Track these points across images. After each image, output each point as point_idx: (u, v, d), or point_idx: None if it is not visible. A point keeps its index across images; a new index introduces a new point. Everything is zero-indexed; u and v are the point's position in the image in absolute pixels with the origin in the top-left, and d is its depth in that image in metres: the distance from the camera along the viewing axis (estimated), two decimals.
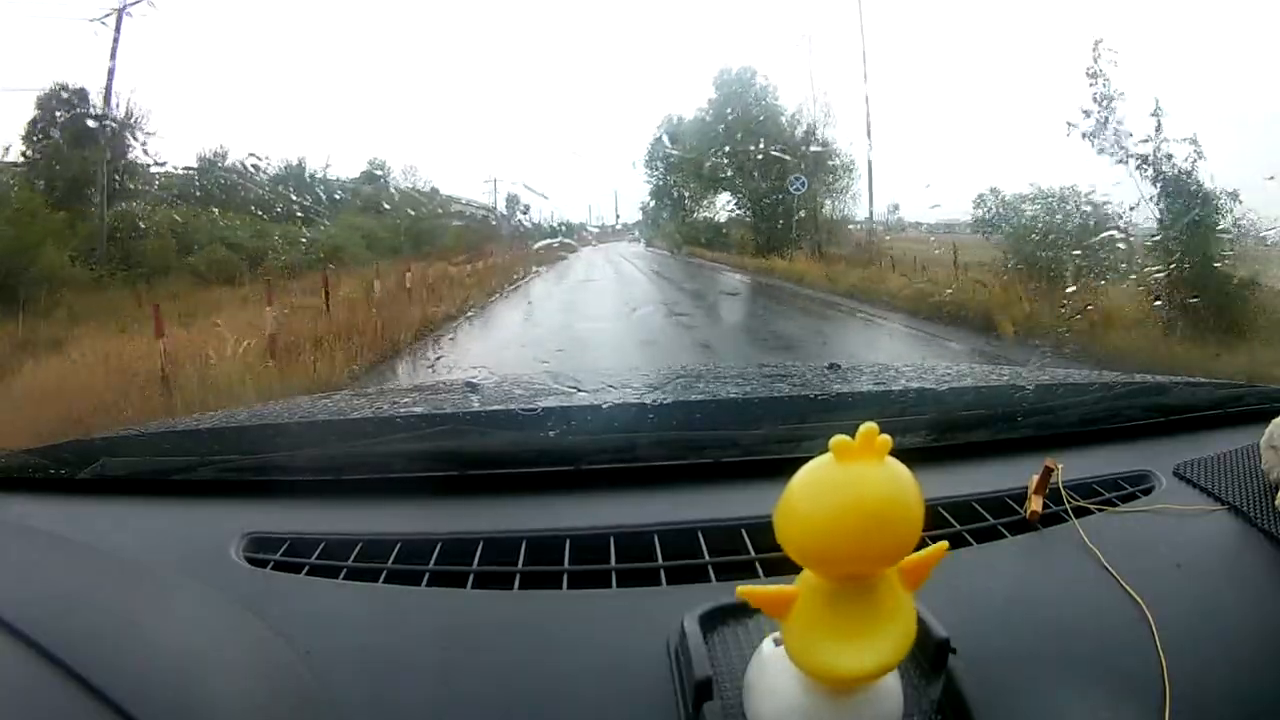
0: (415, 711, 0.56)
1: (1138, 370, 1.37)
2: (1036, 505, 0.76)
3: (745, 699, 0.51)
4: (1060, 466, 0.78)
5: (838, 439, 0.43)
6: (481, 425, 0.97)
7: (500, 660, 0.59)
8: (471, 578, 0.69)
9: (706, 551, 0.71)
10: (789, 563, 0.46)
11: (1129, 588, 0.65)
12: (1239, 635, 0.64)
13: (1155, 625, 0.61)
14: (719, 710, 0.50)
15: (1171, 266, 6.78)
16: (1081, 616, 0.64)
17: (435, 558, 0.71)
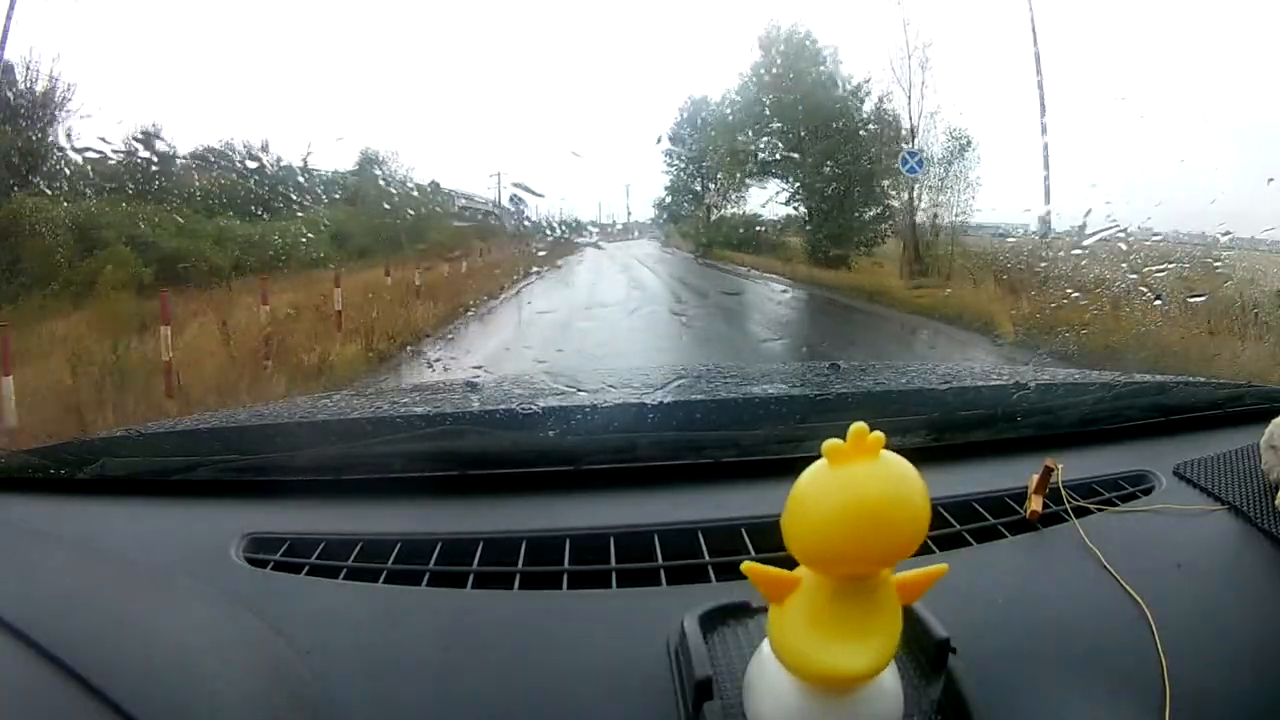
0: (415, 711, 0.56)
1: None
2: (1036, 505, 0.77)
3: (745, 699, 0.51)
4: (1060, 466, 0.78)
5: (830, 443, 0.43)
6: (481, 425, 0.97)
7: (500, 660, 0.59)
8: (471, 578, 0.69)
9: (706, 551, 0.71)
10: (790, 563, 0.46)
11: (1129, 588, 0.65)
12: (1239, 635, 0.64)
13: (1155, 625, 0.61)
14: (719, 710, 0.50)
15: None
16: (1081, 616, 0.64)
17: (435, 558, 0.71)
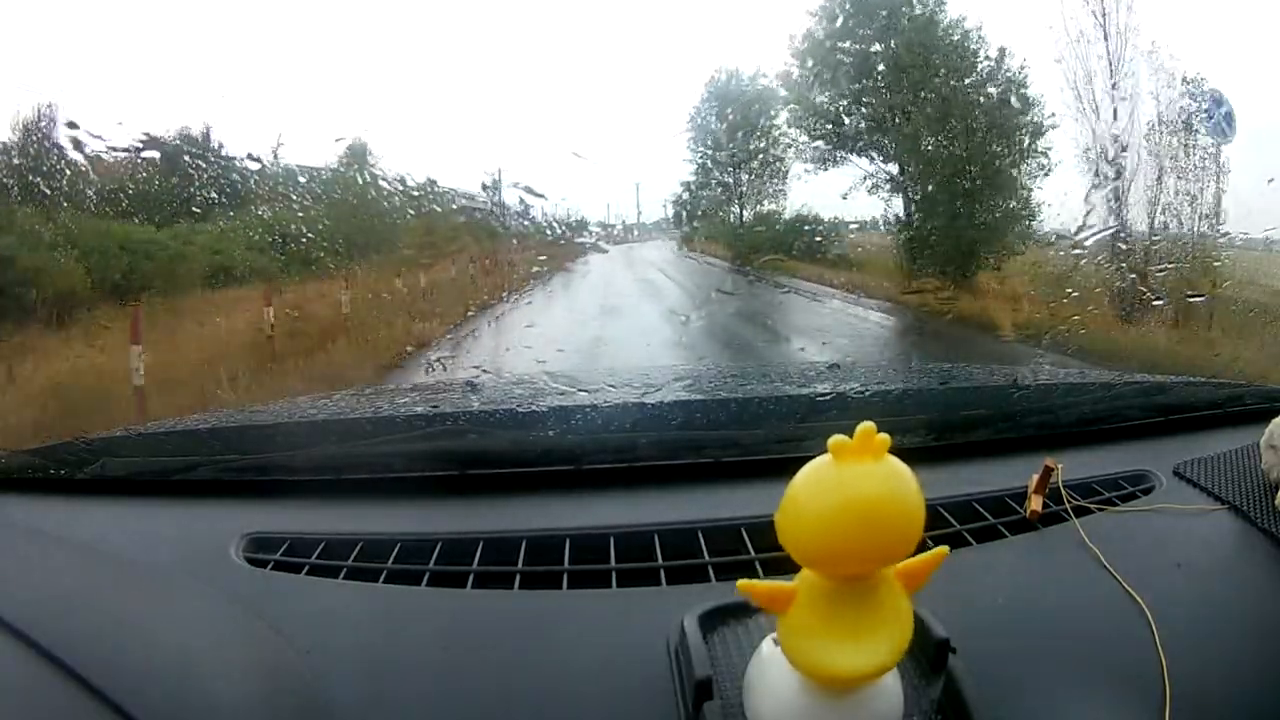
0: (415, 711, 0.56)
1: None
2: (1036, 505, 0.77)
3: (745, 699, 0.51)
4: (1060, 466, 0.78)
5: (836, 439, 0.43)
6: (481, 425, 0.97)
7: (500, 660, 0.59)
8: (471, 578, 0.69)
9: (706, 551, 0.71)
10: (789, 562, 0.46)
11: (1129, 588, 0.65)
12: (1239, 635, 0.64)
13: (1155, 625, 0.61)
14: (719, 710, 0.50)
15: None
16: (1081, 616, 0.64)
17: (435, 558, 0.71)
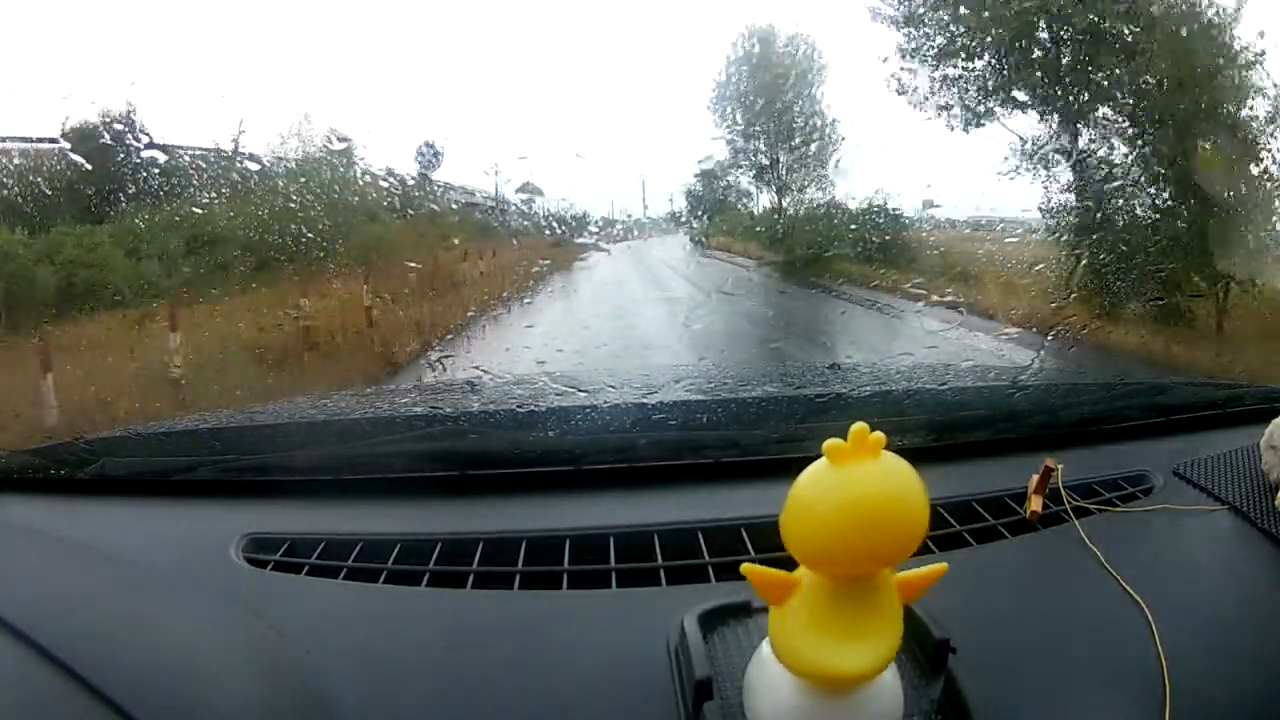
0: (415, 711, 0.56)
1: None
2: (1036, 505, 0.77)
3: (745, 699, 0.51)
4: (1060, 466, 0.78)
5: (830, 442, 0.43)
6: (481, 425, 0.97)
7: (500, 660, 0.59)
8: (471, 578, 0.69)
9: (706, 551, 0.71)
10: (790, 563, 0.46)
11: (1129, 588, 0.65)
12: (1239, 635, 0.64)
13: (1155, 625, 0.61)
14: (719, 710, 0.50)
15: None
16: (1081, 616, 0.64)
17: (435, 558, 0.71)
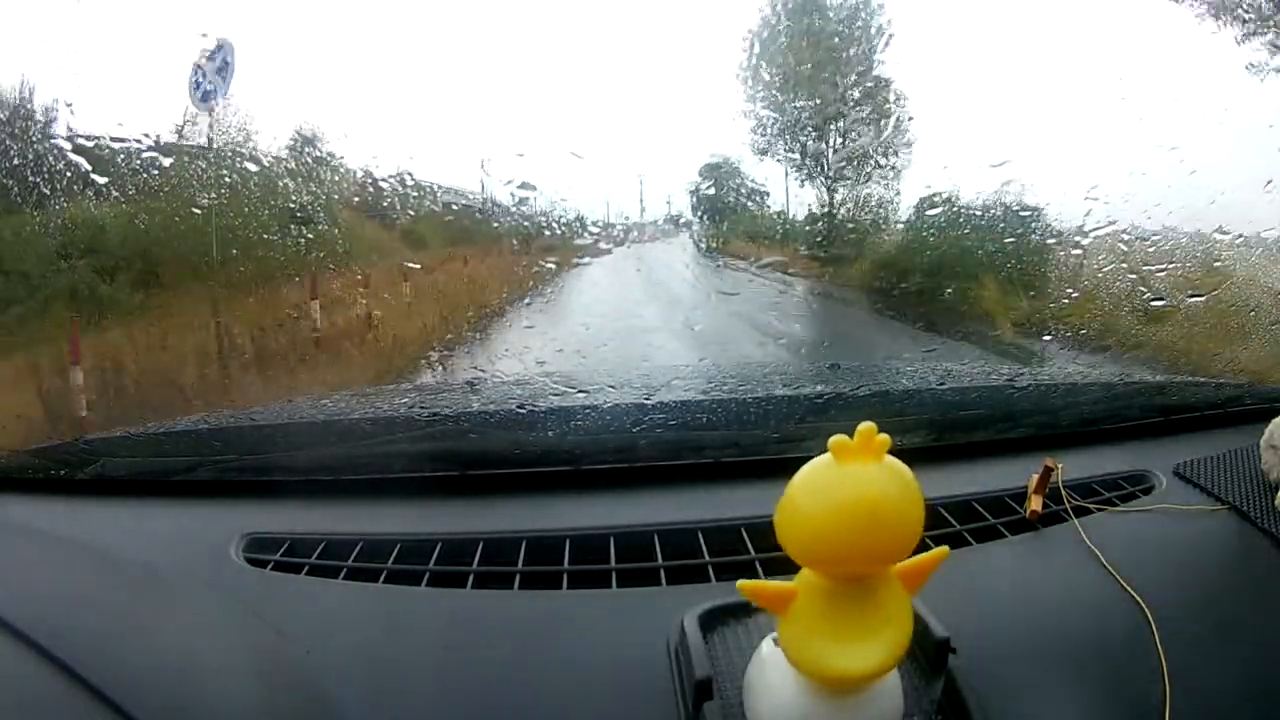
0: (415, 711, 0.56)
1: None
2: (1036, 505, 0.77)
3: (745, 699, 0.51)
4: (1060, 466, 0.78)
5: (836, 439, 0.43)
6: (481, 425, 0.97)
7: (500, 660, 0.59)
8: (471, 578, 0.69)
9: (706, 551, 0.71)
10: (789, 563, 0.46)
11: (1129, 588, 0.65)
12: (1239, 635, 0.64)
13: (1155, 625, 0.61)
14: (719, 710, 0.50)
15: None
16: (1081, 616, 0.64)
17: (435, 558, 0.71)
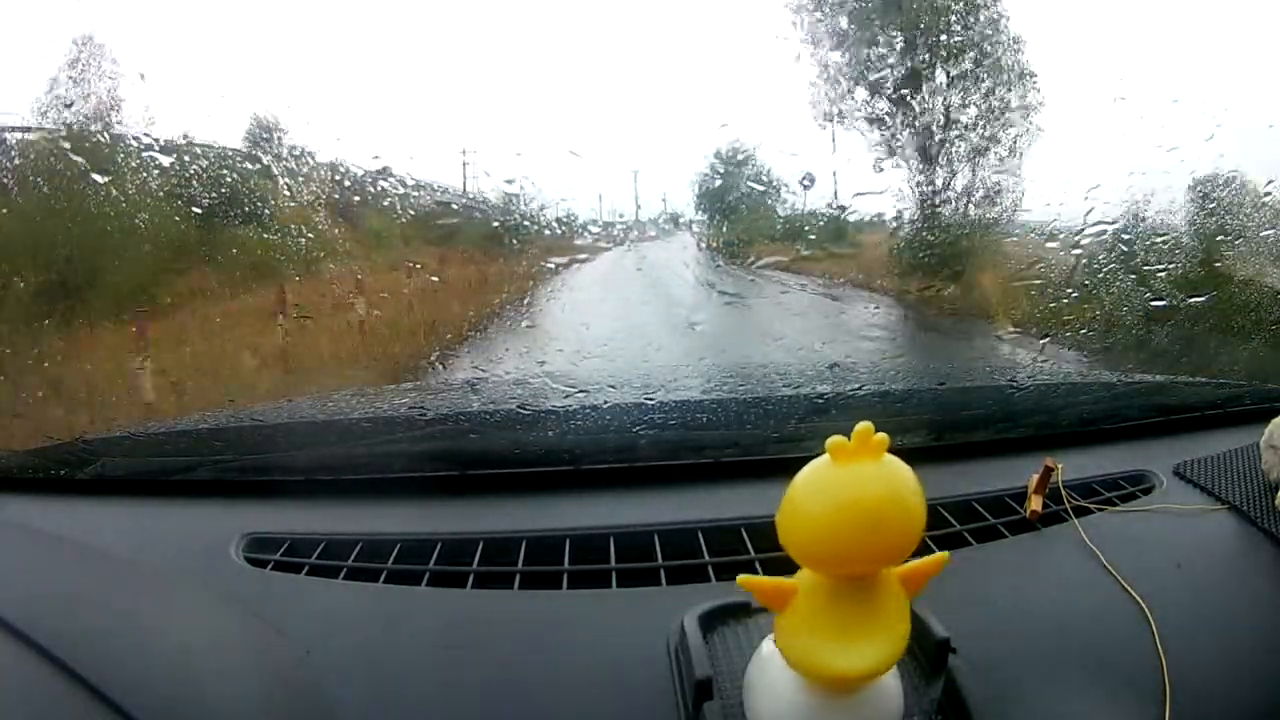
0: (415, 711, 0.56)
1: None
2: (1036, 505, 0.77)
3: (745, 699, 0.51)
4: (1060, 466, 0.78)
5: (834, 439, 0.43)
6: (481, 425, 0.97)
7: (500, 660, 0.59)
8: (471, 578, 0.69)
9: (706, 551, 0.71)
10: (789, 563, 0.46)
11: (1129, 588, 0.65)
12: (1239, 635, 0.64)
13: (1155, 625, 0.61)
14: (719, 710, 0.50)
15: None
16: (1081, 616, 0.64)
17: (435, 558, 0.71)
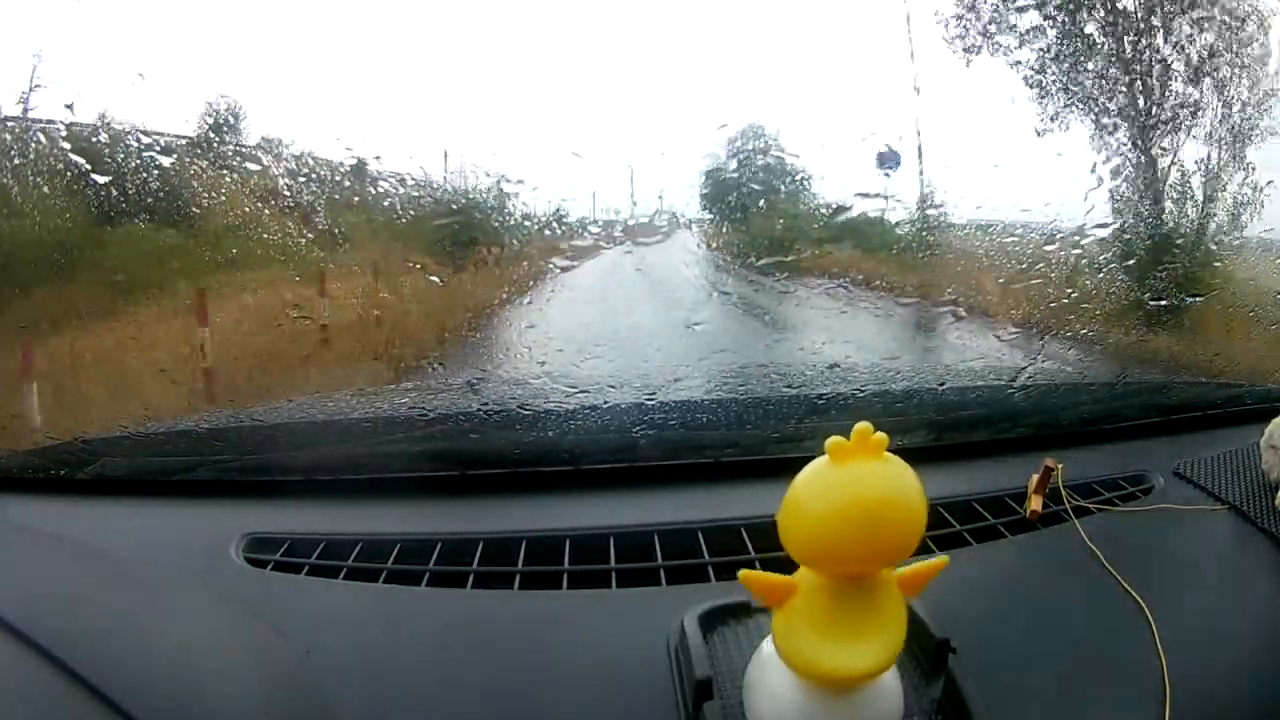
0: (415, 711, 0.56)
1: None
2: (1036, 505, 0.77)
3: (745, 699, 0.51)
4: (1060, 466, 0.78)
5: (833, 440, 0.43)
6: (481, 425, 0.97)
7: (500, 660, 0.59)
8: (471, 578, 0.69)
9: (706, 551, 0.71)
10: (789, 563, 0.46)
11: (1129, 588, 0.65)
12: (1239, 635, 0.64)
13: (1155, 625, 0.61)
14: (719, 710, 0.50)
15: None
16: (1081, 616, 0.64)
17: (435, 558, 0.71)
